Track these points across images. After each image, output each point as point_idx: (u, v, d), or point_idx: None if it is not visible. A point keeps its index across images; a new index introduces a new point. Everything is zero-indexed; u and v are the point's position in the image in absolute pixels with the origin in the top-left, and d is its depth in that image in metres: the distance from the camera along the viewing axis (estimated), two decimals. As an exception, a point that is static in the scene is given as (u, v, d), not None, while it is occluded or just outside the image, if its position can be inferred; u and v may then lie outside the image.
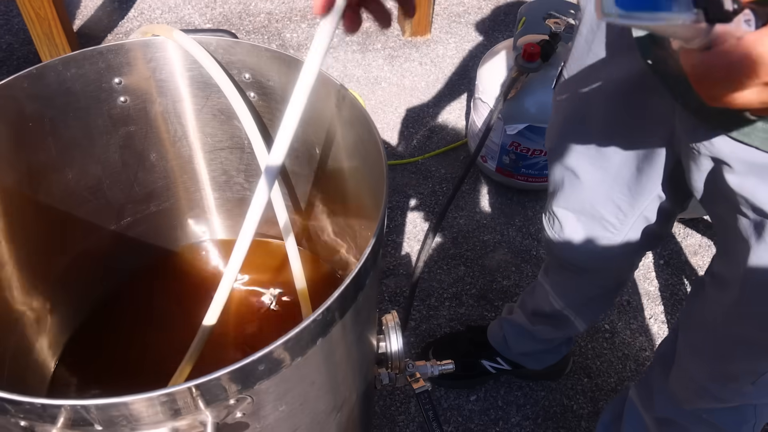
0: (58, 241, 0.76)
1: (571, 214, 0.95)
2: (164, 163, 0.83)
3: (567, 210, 0.95)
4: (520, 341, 1.25)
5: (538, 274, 1.17)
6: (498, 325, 1.29)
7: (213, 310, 0.64)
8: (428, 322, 1.45)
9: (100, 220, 0.81)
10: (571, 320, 1.13)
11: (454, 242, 1.63)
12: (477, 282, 1.53)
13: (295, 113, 0.57)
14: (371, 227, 0.72)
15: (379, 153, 0.58)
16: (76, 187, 0.76)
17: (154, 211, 0.87)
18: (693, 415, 0.91)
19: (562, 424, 1.28)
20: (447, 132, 1.95)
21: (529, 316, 1.20)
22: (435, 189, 1.77)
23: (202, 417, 0.46)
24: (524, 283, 1.53)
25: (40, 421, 0.43)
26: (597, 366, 1.37)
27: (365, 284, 0.53)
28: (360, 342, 0.62)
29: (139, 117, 0.77)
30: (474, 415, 1.29)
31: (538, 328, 1.19)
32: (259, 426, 0.52)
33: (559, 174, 0.92)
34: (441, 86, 2.10)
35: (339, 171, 0.74)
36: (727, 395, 0.83)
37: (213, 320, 0.65)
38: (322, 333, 0.48)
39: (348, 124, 0.66)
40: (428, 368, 0.91)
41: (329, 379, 0.56)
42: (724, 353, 0.79)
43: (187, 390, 0.42)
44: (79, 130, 0.72)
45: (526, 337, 1.23)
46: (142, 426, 0.45)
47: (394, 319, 0.75)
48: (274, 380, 0.47)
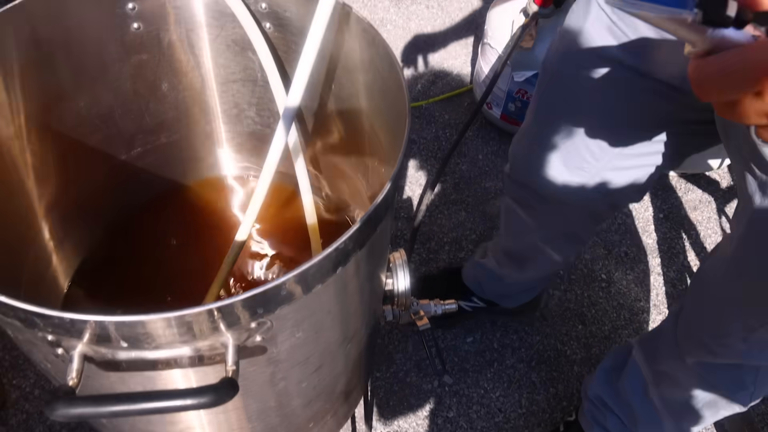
0: (71, 169, 0.76)
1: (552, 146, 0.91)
2: (176, 93, 0.82)
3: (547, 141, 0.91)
4: (493, 284, 1.27)
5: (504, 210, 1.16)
6: (471, 267, 1.30)
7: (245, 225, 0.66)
8: (427, 265, 1.47)
9: (111, 150, 0.81)
10: (546, 253, 1.12)
11: (456, 188, 1.63)
12: (477, 228, 1.54)
13: (313, 47, 0.56)
14: (385, 165, 0.72)
15: (400, 90, 0.58)
16: (87, 115, 0.75)
17: (165, 142, 0.87)
18: (693, 372, 0.92)
19: (555, 368, 1.31)
20: (452, 77, 1.93)
21: (499, 259, 1.21)
22: (438, 134, 1.77)
23: (224, 339, 0.48)
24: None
25: (67, 335, 0.44)
26: (592, 314, 1.40)
27: (384, 217, 0.53)
28: (373, 275, 0.63)
29: (151, 45, 0.75)
30: (470, 356, 1.32)
31: (505, 271, 1.21)
32: (275, 351, 0.53)
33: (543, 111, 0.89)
34: (447, 31, 2.06)
35: (356, 108, 0.73)
36: (720, 349, 0.84)
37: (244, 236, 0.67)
38: (343, 262, 0.49)
39: (368, 60, 0.66)
40: (432, 307, 0.93)
41: (343, 309, 0.58)
42: (718, 307, 0.81)
43: (212, 311, 0.43)
44: (91, 57, 0.72)
45: (497, 280, 1.25)
46: (165, 345, 0.46)
47: (402, 257, 0.76)
48: (294, 306, 0.48)
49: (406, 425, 1.22)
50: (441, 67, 1.95)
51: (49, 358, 0.51)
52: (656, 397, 1.00)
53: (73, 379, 0.45)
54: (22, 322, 0.45)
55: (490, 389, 1.27)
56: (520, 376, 1.30)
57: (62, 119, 0.72)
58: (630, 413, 1.05)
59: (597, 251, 1.51)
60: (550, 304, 1.41)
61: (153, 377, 0.52)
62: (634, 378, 1.03)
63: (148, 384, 0.53)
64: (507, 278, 1.22)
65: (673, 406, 0.99)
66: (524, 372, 1.30)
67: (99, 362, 0.48)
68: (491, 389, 1.27)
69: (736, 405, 0.90)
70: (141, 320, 0.43)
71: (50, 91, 0.69)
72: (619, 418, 1.07)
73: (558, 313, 1.39)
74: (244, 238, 0.73)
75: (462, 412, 1.24)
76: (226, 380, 0.44)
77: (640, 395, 1.02)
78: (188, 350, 0.47)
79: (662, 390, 0.99)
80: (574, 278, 1.46)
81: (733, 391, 0.89)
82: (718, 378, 0.89)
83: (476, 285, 1.29)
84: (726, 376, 0.88)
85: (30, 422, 1.20)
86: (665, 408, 1.00)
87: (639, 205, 1.62)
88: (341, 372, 0.70)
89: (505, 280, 1.23)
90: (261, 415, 0.64)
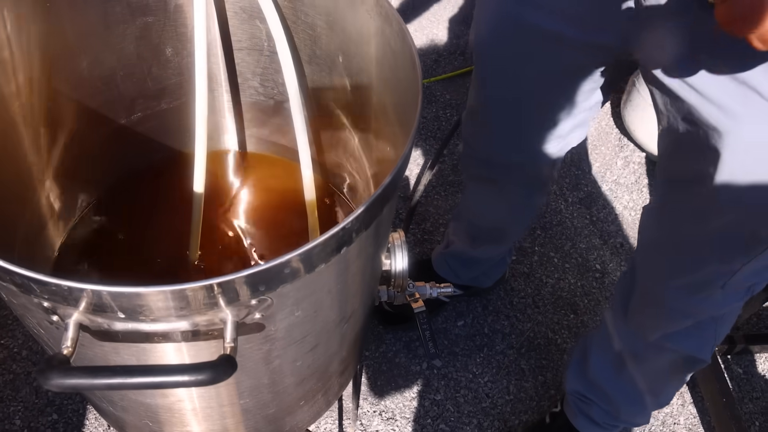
0: (70, 130, 0.74)
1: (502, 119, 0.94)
2: (179, 59, 0.80)
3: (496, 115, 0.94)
4: (468, 267, 1.28)
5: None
6: (441, 258, 1.31)
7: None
8: (422, 246, 1.47)
9: (111, 113, 0.79)
10: (518, 218, 1.15)
11: (454, 169, 1.62)
12: (474, 212, 1.54)
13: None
14: (391, 143, 0.71)
15: (413, 64, 0.56)
16: (89, 76, 0.73)
17: (165, 108, 0.85)
18: (655, 346, 0.94)
19: (545, 355, 1.32)
20: (455, 57, 1.91)
21: (468, 241, 1.22)
22: (439, 114, 1.75)
23: (222, 315, 0.47)
24: (520, 217, 1.54)
25: (64, 303, 0.43)
26: (584, 304, 1.40)
27: (391, 198, 0.52)
28: (375, 256, 0.62)
29: (158, 8, 0.73)
30: (460, 340, 1.32)
31: (480, 250, 1.22)
32: (273, 329, 0.53)
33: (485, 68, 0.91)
34: (453, 9, 2.04)
35: (365, 83, 0.72)
36: (692, 308, 0.85)
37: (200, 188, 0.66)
38: (348, 242, 0.48)
39: (379, 33, 0.64)
40: (427, 289, 0.93)
41: (344, 289, 0.57)
42: (695, 257, 0.80)
43: (212, 286, 0.42)
44: (96, 16, 0.70)
45: (472, 262, 1.26)
46: (162, 318, 0.45)
47: (401, 237, 0.75)
48: (296, 284, 0.47)
49: (393, 405, 1.22)
50: (445, 45, 1.93)
51: (43, 324, 0.50)
52: (625, 377, 1.02)
53: (67, 347, 0.44)
54: (17, 287, 0.43)
55: (478, 374, 1.28)
56: (509, 362, 1.30)
57: (64, 79, 0.71)
58: (608, 400, 1.07)
59: (592, 241, 1.51)
60: (543, 291, 1.41)
61: (147, 349, 0.51)
62: (598, 365, 1.05)
63: (141, 356, 0.52)
64: (481, 257, 1.24)
65: (645, 381, 1.01)
66: (514, 358, 1.31)
67: (94, 331, 0.47)
68: (480, 374, 1.28)
69: (702, 361, 0.93)
70: (139, 292, 0.42)
71: (53, 49, 0.67)
72: (600, 406, 1.08)
73: (550, 302, 1.40)
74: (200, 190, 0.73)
75: (449, 395, 1.24)
76: (224, 357, 0.44)
77: (612, 380, 1.05)
78: (185, 324, 0.47)
79: (630, 369, 1.01)
80: (568, 267, 1.46)
81: (697, 350, 0.92)
82: (683, 343, 0.91)
83: (450, 273, 1.30)
84: (689, 338, 0.90)
85: (17, 383, 1.19)
86: (637, 384, 1.02)
87: (636, 196, 1.62)
88: (336, 351, 0.70)
89: (480, 260, 1.25)
90: (253, 391, 0.63)
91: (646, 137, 1.64)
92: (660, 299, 0.87)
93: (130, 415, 0.70)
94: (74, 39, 0.68)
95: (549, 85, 0.85)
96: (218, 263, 0.82)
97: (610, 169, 1.68)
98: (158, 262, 0.82)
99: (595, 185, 1.63)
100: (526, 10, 0.76)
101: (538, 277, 1.43)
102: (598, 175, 1.66)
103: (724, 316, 0.89)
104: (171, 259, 0.82)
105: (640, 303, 0.92)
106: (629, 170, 1.67)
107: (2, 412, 1.16)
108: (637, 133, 1.68)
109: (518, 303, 1.39)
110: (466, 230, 1.22)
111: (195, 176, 0.73)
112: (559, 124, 0.90)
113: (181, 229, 0.84)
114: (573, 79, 0.83)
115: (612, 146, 1.73)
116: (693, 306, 0.85)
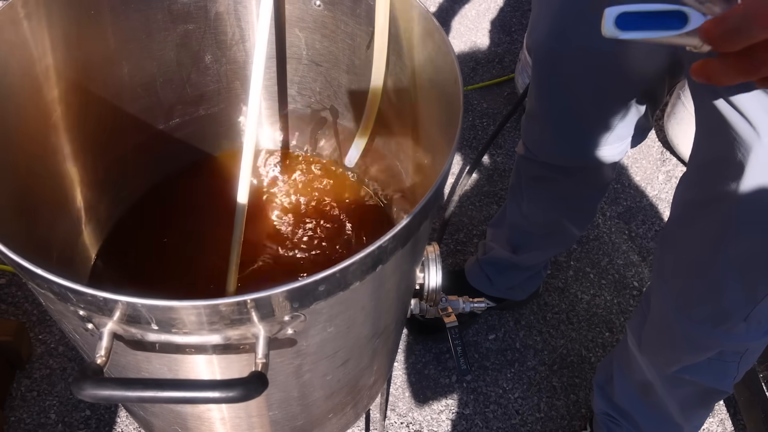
0: (110, 136, 0.75)
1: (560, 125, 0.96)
2: (218, 66, 0.80)
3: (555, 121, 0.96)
4: (505, 276, 1.25)
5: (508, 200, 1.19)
6: (477, 267, 1.28)
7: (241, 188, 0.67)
8: (455, 257, 1.45)
9: (150, 119, 0.79)
10: (567, 227, 1.14)
11: (489, 180, 1.60)
12: (508, 223, 1.52)
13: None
14: (428, 153, 0.70)
15: (454, 73, 0.55)
16: (130, 82, 0.74)
17: (203, 114, 0.85)
18: (672, 377, 0.90)
19: (578, 373, 1.29)
20: (493, 65, 1.89)
21: (511, 248, 1.20)
22: (475, 123, 1.74)
23: (255, 330, 0.46)
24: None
25: (99, 313, 0.43)
26: (620, 322, 1.37)
27: (428, 215, 0.51)
28: (410, 272, 0.61)
29: (198, 15, 0.74)
30: (491, 354, 1.30)
31: (524, 256, 1.20)
32: (305, 344, 0.52)
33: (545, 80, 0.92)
34: (492, 16, 2.02)
35: (403, 93, 0.71)
36: (711, 341, 0.81)
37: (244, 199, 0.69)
38: (383, 260, 0.47)
39: (421, 43, 0.63)
40: (460, 304, 0.91)
41: (377, 305, 0.56)
42: (715, 285, 0.75)
43: (246, 302, 0.42)
44: (138, 23, 0.70)
45: (510, 270, 1.24)
46: (195, 331, 0.45)
47: (435, 250, 0.74)
48: (330, 302, 0.47)
49: (420, 418, 1.21)
50: (483, 53, 1.91)
51: (79, 330, 0.51)
52: (652, 400, 1.00)
53: (101, 357, 0.44)
54: (55, 294, 0.44)
55: (509, 389, 1.26)
56: (540, 379, 1.28)
57: (105, 85, 0.71)
58: (636, 423, 1.05)
59: (630, 257, 1.47)
60: (578, 307, 1.38)
61: (179, 360, 0.51)
62: (622, 389, 1.03)
63: (173, 366, 0.52)
64: (522, 264, 1.22)
65: (672, 405, 0.98)
66: (545, 375, 1.28)
67: (128, 341, 0.47)
68: (510, 390, 1.26)
69: (724, 393, 0.90)
70: (173, 305, 0.41)
71: (96, 56, 0.68)
72: (629, 429, 1.06)
73: (585, 318, 1.37)
74: (244, 201, 0.73)
75: (478, 410, 1.23)
76: (256, 374, 0.43)
77: (638, 405, 1.03)
78: (218, 338, 0.46)
79: (651, 398, 0.98)
80: (604, 283, 1.42)
81: (718, 382, 0.88)
82: (703, 376, 0.88)
83: (486, 283, 1.28)
84: (709, 372, 0.87)
85: (53, 377, 1.21)
86: (665, 408, 0.99)
87: (677, 213, 1.58)
88: (367, 366, 0.69)
89: (520, 267, 1.23)
90: (282, 403, 0.63)
91: (690, 151, 1.60)
92: (676, 331, 0.83)
93: (160, 420, 0.70)
94: (116, 46, 0.69)
95: (608, 90, 0.85)
96: (253, 272, 0.82)
97: (651, 183, 1.64)
98: (194, 265, 0.82)
99: (635, 200, 1.60)
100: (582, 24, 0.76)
101: (573, 292, 1.41)
102: (639, 190, 1.62)
103: (747, 351, 0.83)
104: (207, 263, 0.82)
105: (655, 335, 0.89)
106: (671, 185, 1.63)
107: (39, 406, 1.18)
108: (680, 147, 1.64)
109: (551, 318, 1.36)
110: (507, 237, 1.20)
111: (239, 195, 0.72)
112: (620, 126, 0.90)
113: (217, 233, 0.84)
114: (633, 82, 0.83)
115: (654, 160, 1.69)
116: (713, 340, 0.81)
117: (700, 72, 0.41)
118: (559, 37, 0.83)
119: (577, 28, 0.79)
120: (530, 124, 1.01)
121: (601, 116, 0.90)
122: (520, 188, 1.12)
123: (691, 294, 0.80)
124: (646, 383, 0.97)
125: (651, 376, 0.95)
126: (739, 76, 0.40)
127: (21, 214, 0.61)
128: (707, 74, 0.41)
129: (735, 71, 0.39)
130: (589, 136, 0.94)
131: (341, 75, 0.79)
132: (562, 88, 0.89)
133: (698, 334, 0.81)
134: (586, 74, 0.84)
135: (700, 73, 0.41)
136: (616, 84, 0.84)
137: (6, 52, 0.57)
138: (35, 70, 0.61)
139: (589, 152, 0.96)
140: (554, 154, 1.00)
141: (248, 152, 0.71)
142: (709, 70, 0.40)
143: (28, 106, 0.62)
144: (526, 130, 1.03)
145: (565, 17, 0.80)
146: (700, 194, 0.74)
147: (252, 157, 0.71)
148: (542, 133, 0.99)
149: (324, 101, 0.84)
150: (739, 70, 0.39)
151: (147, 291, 0.42)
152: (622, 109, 0.88)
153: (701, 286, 0.78)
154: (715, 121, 0.66)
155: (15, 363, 1.21)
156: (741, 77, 0.40)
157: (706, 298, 0.77)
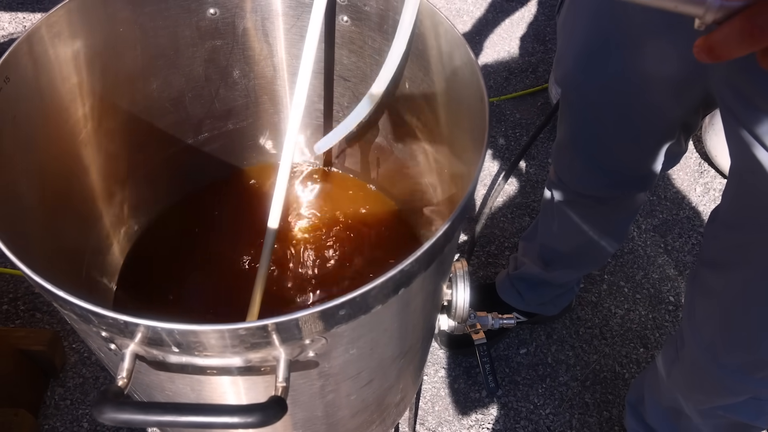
0: (138, 152, 0.75)
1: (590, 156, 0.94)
2: (246, 81, 0.81)
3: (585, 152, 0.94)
4: (536, 292, 1.23)
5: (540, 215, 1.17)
6: (508, 282, 1.26)
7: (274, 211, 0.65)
8: (485, 270, 1.43)
9: (179, 134, 0.80)
10: (600, 247, 1.11)
11: (522, 191, 1.58)
12: (540, 235, 1.49)
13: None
14: (452, 165, 0.69)
15: (480, 90, 0.54)
16: (159, 98, 0.74)
17: (231, 129, 0.85)
18: (707, 411, 0.88)
19: (611, 390, 1.26)
20: (527, 75, 1.87)
21: (542, 264, 1.17)
22: (508, 133, 1.71)
23: (276, 353, 0.46)
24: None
25: (120, 335, 0.44)
26: (656, 337, 1.33)
27: (453, 236, 0.50)
28: (436, 291, 0.60)
29: (226, 31, 0.74)
30: (522, 369, 1.28)
31: (556, 273, 1.18)
32: (327, 366, 0.51)
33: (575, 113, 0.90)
34: (526, 25, 1.99)
35: (428, 111, 0.70)
36: (747, 388, 0.79)
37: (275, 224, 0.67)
38: (406, 283, 0.46)
39: (447, 56, 0.62)
40: (489, 320, 0.89)
41: (402, 326, 0.55)
42: (753, 339, 0.73)
43: (266, 327, 0.42)
44: (166, 40, 0.71)
45: (542, 286, 1.22)
46: (216, 354, 0.45)
47: (464, 267, 0.73)
48: (352, 325, 0.46)
49: (450, 433, 1.19)
50: (516, 62, 1.89)
51: (103, 350, 0.51)
52: (684, 426, 0.97)
53: (123, 378, 0.44)
54: (78, 316, 0.44)
55: (540, 405, 1.23)
56: (572, 395, 1.25)
57: (134, 101, 0.72)
58: None
59: (666, 271, 1.43)
60: (611, 322, 1.35)
61: (202, 380, 0.50)
62: (654, 412, 1.01)
63: (196, 386, 0.52)
64: (554, 281, 1.19)
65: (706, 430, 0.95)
66: (577, 391, 1.25)
67: (150, 362, 0.47)
68: (541, 405, 1.23)
69: (758, 428, 0.87)
70: (194, 329, 0.41)
71: (124, 72, 0.69)
72: None
73: (619, 333, 1.33)
74: (275, 226, 0.71)
75: (509, 425, 1.20)
76: (275, 399, 0.42)
77: (669, 428, 0.99)
78: (239, 360, 0.46)
79: (683, 421, 0.96)
80: (639, 297, 1.39)
81: (753, 419, 0.85)
82: (735, 413, 0.85)
83: (517, 298, 1.26)
84: (745, 409, 0.84)
85: (86, 386, 1.23)
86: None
87: (716, 226, 1.53)
88: (392, 385, 0.68)
89: (551, 284, 1.21)
90: (307, 423, 0.62)
91: (729, 163, 1.55)
92: (708, 376, 0.81)
93: (186, 436, 0.70)
94: (145, 62, 0.69)
95: (638, 123, 0.83)
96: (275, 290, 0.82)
97: (688, 195, 1.59)
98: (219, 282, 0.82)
99: (671, 212, 1.56)
100: (608, 57, 0.75)
101: (607, 306, 1.37)
102: (675, 202, 1.58)
103: None
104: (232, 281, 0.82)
105: (686, 375, 0.87)
106: (709, 197, 1.58)
107: (72, 415, 1.20)
108: (719, 159, 1.59)
109: (584, 333, 1.33)
110: (539, 253, 1.18)
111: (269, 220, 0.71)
112: (651, 156, 0.88)
113: (243, 249, 0.84)
114: (664, 115, 0.80)
115: (691, 171, 1.64)
116: (747, 387, 0.78)
117: (701, 47, 0.39)
118: (585, 69, 0.81)
119: (604, 62, 0.77)
120: (560, 153, 1.00)
121: (631, 148, 0.88)
122: (552, 209, 1.11)
123: (724, 344, 0.78)
124: (678, 409, 0.95)
125: (682, 406, 0.93)
126: (743, 45, 0.37)
127: (50, 231, 0.61)
128: (709, 47, 0.38)
129: (738, 40, 0.37)
130: (620, 167, 0.92)
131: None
132: (591, 119, 0.88)
133: (732, 381, 0.79)
134: (615, 107, 0.82)
135: (702, 48, 0.39)
136: (647, 116, 0.81)
137: (35, 71, 0.58)
138: (64, 88, 0.62)
139: (619, 183, 0.95)
140: (584, 184, 0.99)
141: (283, 178, 0.70)
142: (711, 42, 0.38)
143: (57, 124, 0.63)
144: (556, 159, 1.02)
145: (591, 50, 0.79)
146: (737, 238, 0.71)
147: (286, 185, 0.70)
148: (572, 162, 0.97)
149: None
150: (743, 36, 0.37)
151: (172, 309, 0.42)
152: (653, 140, 0.86)
153: (736, 339, 0.76)
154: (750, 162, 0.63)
155: (49, 372, 1.23)
156: (745, 46, 0.37)
157: (741, 349, 0.76)
